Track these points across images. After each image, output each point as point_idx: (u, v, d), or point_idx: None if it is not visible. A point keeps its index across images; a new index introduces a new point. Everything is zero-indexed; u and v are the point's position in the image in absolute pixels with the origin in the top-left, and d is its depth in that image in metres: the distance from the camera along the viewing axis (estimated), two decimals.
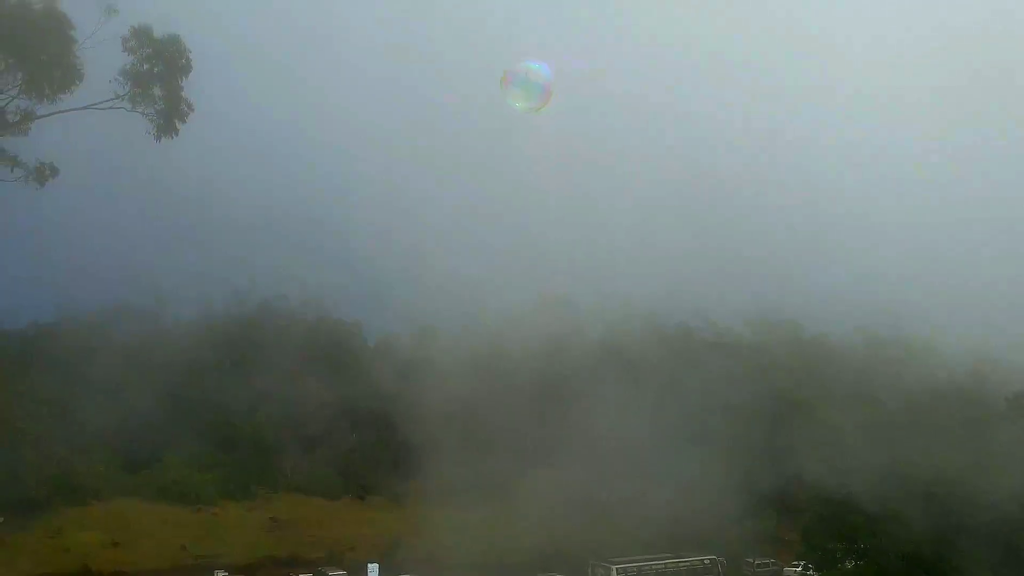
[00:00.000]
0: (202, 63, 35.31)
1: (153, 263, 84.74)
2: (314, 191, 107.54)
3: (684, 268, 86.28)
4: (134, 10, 34.60)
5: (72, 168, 37.71)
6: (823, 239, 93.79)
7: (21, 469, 56.17)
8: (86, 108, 34.01)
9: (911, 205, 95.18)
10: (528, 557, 57.96)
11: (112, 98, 33.98)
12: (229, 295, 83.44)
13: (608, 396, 67.40)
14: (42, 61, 32.83)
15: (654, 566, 57.19)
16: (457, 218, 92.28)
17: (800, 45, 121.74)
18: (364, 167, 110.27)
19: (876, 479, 47.19)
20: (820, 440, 60.27)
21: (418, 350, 78.39)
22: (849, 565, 46.38)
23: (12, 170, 33.98)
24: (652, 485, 64.40)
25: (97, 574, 54.28)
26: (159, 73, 34.19)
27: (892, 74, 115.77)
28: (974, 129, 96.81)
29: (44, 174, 34.56)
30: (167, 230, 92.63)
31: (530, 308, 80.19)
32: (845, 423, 64.55)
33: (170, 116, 34.54)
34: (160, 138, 34.71)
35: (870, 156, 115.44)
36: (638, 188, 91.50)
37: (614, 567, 55.89)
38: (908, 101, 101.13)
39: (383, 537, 62.44)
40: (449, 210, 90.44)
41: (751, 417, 67.45)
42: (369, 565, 56.39)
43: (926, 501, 43.53)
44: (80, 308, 76.79)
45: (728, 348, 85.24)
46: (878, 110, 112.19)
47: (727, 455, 61.69)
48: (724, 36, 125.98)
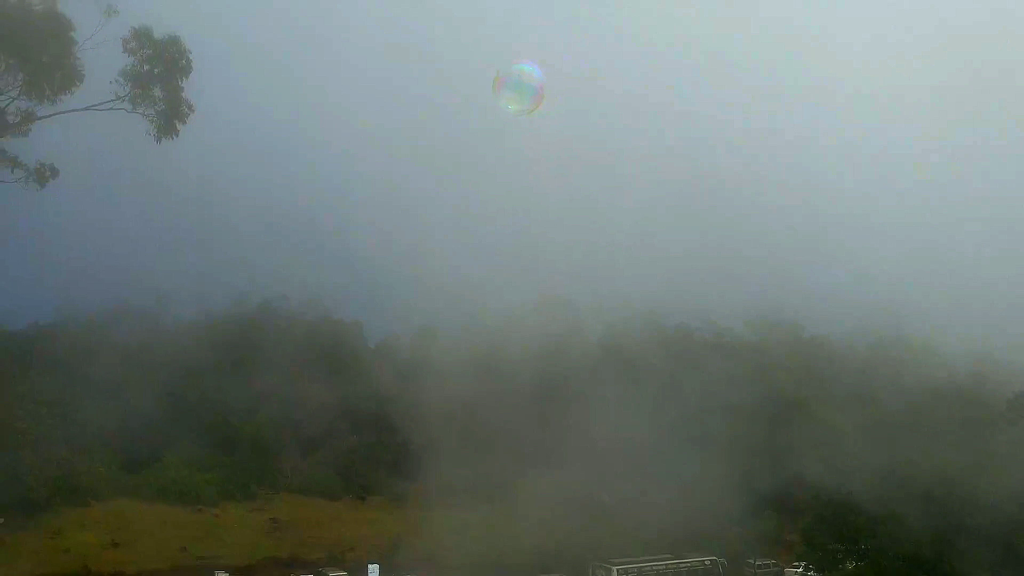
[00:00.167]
0: (202, 63, 35.28)
1: (153, 264, 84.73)
2: (314, 191, 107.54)
3: (684, 268, 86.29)
4: (134, 11, 34.67)
5: (72, 169, 37.76)
6: (823, 239, 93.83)
7: (21, 470, 56.12)
8: (86, 109, 34.00)
9: (911, 205, 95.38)
10: (528, 558, 57.90)
11: (112, 99, 33.96)
12: (229, 296, 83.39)
13: (608, 396, 67.44)
14: (42, 62, 32.79)
15: (655, 567, 57.11)
16: (457, 218, 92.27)
17: (800, 45, 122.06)
18: (364, 167, 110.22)
19: (876, 480, 47.23)
20: (820, 440, 60.43)
21: (418, 350, 78.33)
22: (850, 566, 46.35)
23: (12, 171, 34.02)
24: (652, 486, 64.47)
25: (97, 575, 54.19)
26: (159, 74, 34.15)
27: (892, 74, 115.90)
28: (974, 129, 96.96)
29: (44, 175, 34.56)
30: (167, 231, 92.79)
31: (530, 308, 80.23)
32: (845, 423, 64.84)
33: (170, 117, 34.51)
34: (160, 139, 34.74)
35: (870, 156, 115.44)
36: (638, 188, 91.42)
37: (615, 568, 55.82)
38: (908, 101, 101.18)
39: (383, 538, 62.43)
40: (449, 210, 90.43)
41: (751, 417, 67.48)
42: (369, 566, 56.33)
43: (926, 502, 43.51)
44: (80, 309, 76.75)
45: (728, 348, 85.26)
46: (878, 110, 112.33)
47: (727, 455, 61.70)
48: (724, 36, 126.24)
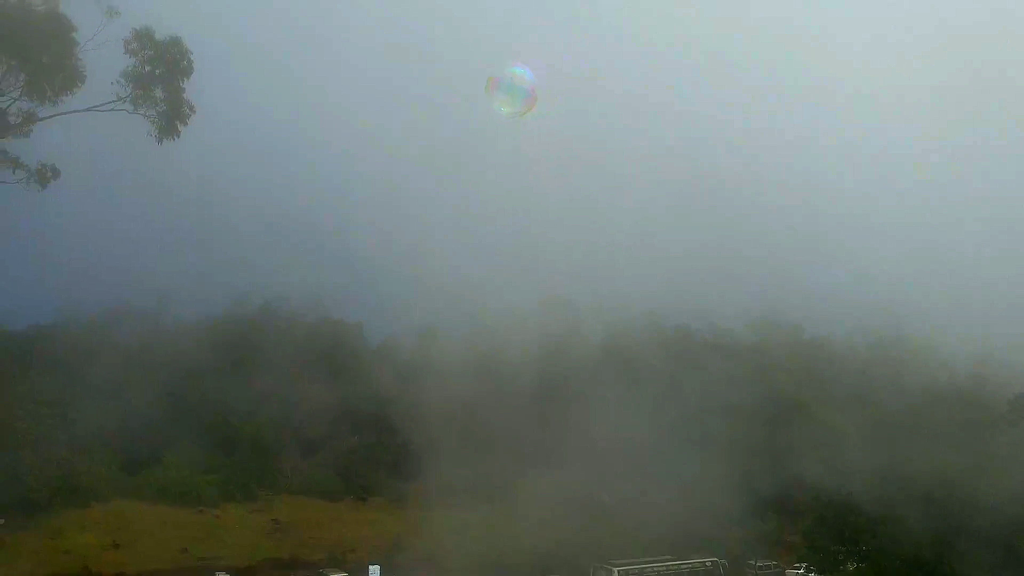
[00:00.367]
0: (202, 64, 35.39)
1: (154, 264, 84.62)
2: (314, 191, 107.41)
3: (684, 268, 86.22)
4: (135, 12, 34.72)
5: (73, 170, 37.87)
6: (823, 239, 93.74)
7: (21, 470, 56.18)
8: (88, 110, 34.14)
9: (911, 205, 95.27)
10: (529, 558, 57.90)
11: (114, 100, 34.13)
12: (229, 296, 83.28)
13: (608, 397, 67.43)
14: (44, 63, 32.91)
15: (656, 568, 57.03)
16: (457, 218, 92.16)
17: (800, 45, 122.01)
18: (364, 167, 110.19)
19: (876, 481, 47.34)
20: (820, 441, 60.44)
21: (418, 351, 78.33)
22: (851, 567, 46.35)
23: (14, 172, 34.16)
24: (653, 486, 64.47)
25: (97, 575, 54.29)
26: (160, 75, 34.28)
27: (892, 74, 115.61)
28: (974, 129, 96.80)
29: (46, 176, 34.67)
30: (168, 231, 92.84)
31: (530, 309, 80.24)
32: (845, 424, 64.87)
33: (171, 118, 34.63)
34: (161, 140, 34.83)
35: (870, 156, 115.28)
36: (638, 188, 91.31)
37: (616, 569, 55.78)
38: (908, 101, 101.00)
39: (384, 539, 62.43)
40: (449, 210, 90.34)
41: (751, 418, 67.47)
42: (370, 567, 56.35)
43: (926, 503, 43.60)
44: (81, 309, 76.68)
45: (728, 349, 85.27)
46: (878, 110, 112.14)
47: (727, 456, 61.69)
48: (724, 36, 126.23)
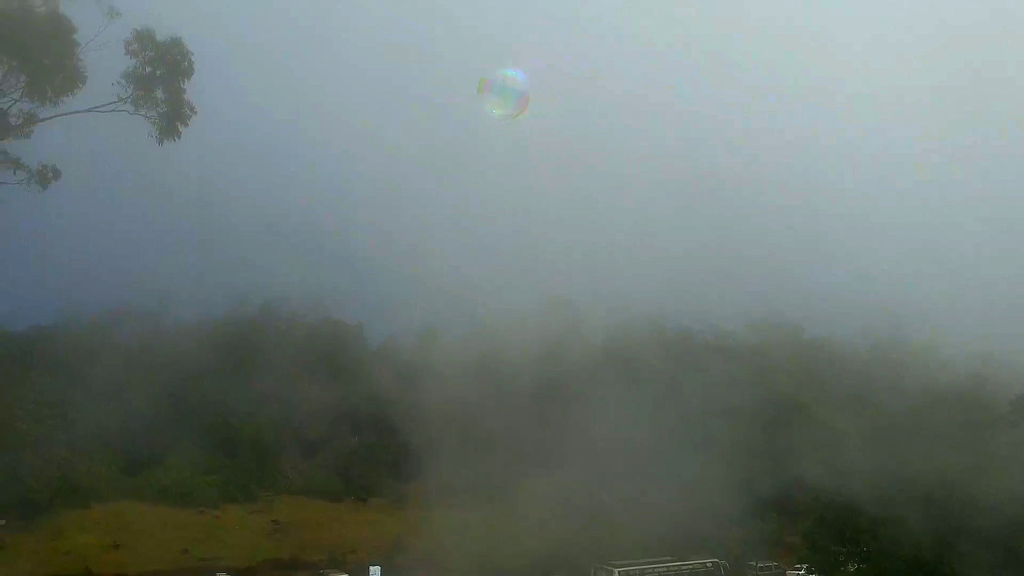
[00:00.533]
0: (202, 64, 35.42)
1: (154, 265, 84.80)
2: (314, 191, 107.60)
3: (684, 269, 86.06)
4: (136, 13, 34.73)
5: (74, 171, 37.91)
6: (823, 239, 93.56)
7: (22, 471, 56.26)
8: (88, 111, 34.17)
9: (911, 205, 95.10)
10: (529, 559, 57.83)
11: (114, 101, 34.17)
12: (230, 297, 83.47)
13: (608, 398, 67.33)
14: (44, 64, 32.96)
15: (656, 569, 56.99)
16: (457, 218, 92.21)
17: (800, 45, 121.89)
18: (364, 167, 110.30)
19: (877, 482, 47.21)
20: (821, 442, 60.34)
21: (418, 352, 78.32)
22: (852, 568, 46.32)
23: (15, 172, 34.17)
24: (653, 487, 64.41)
25: None
26: (161, 76, 34.30)
27: (892, 74, 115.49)
28: (974, 129, 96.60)
29: (46, 177, 34.71)
30: (168, 232, 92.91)
31: (530, 309, 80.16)
32: (846, 425, 64.77)
33: (172, 119, 34.66)
34: (162, 141, 34.85)
35: (870, 156, 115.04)
36: (638, 188, 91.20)
37: (616, 569, 55.74)
38: (908, 101, 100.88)
39: (384, 539, 62.44)
40: (449, 210, 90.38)
41: (752, 419, 67.45)
42: (371, 568, 56.34)
43: (927, 504, 43.53)
44: (82, 310, 76.87)
45: (728, 351, 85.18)
46: (878, 110, 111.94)
47: (728, 457, 61.67)
48: (724, 36, 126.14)
